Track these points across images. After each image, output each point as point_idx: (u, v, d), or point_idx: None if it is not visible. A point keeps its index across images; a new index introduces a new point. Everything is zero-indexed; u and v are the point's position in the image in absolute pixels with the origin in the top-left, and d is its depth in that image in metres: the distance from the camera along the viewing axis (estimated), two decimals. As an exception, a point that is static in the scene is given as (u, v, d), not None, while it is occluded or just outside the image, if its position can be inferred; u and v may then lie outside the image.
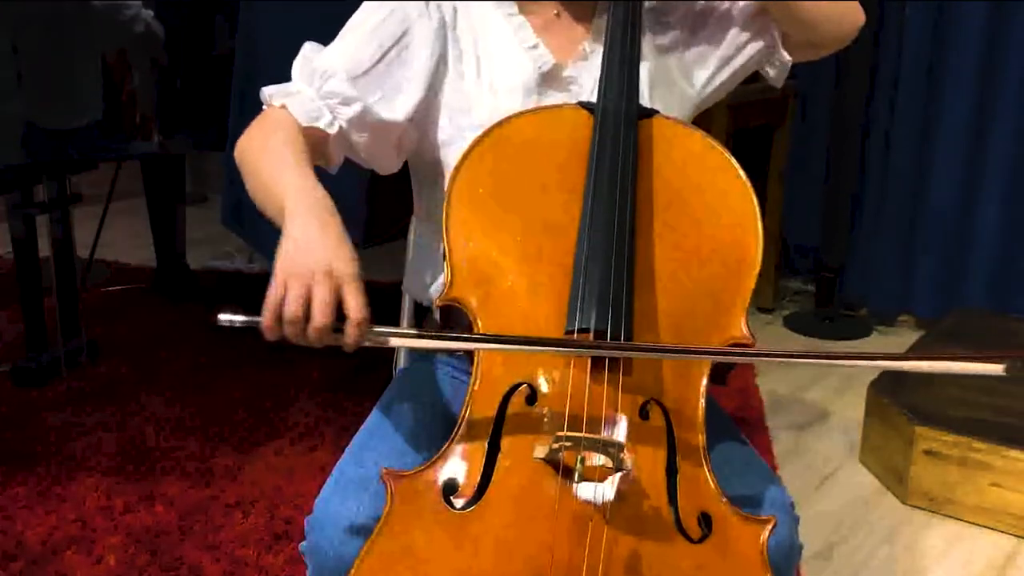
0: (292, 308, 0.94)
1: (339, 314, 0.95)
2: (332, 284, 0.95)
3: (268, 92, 1.20)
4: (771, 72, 1.35)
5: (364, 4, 1.24)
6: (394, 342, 1.04)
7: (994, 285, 3.17)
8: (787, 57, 1.33)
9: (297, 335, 0.95)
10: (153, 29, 2.51)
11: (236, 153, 1.17)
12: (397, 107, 1.20)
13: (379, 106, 1.19)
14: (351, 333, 0.95)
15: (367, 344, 0.96)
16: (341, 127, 1.18)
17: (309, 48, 1.22)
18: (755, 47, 1.32)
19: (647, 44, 1.29)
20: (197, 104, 2.57)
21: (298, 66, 1.21)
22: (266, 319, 0.95)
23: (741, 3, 1.30)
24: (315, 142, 1.17)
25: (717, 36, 1.32)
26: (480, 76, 1.24)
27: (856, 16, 1.31)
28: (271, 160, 1.10)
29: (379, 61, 1.20)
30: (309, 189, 1.05)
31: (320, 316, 0.94)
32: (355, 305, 0.95)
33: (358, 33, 1.22)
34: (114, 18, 2.44)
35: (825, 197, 3.47)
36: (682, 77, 1.31)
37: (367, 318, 0.95)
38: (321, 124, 1.17)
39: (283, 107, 1.17)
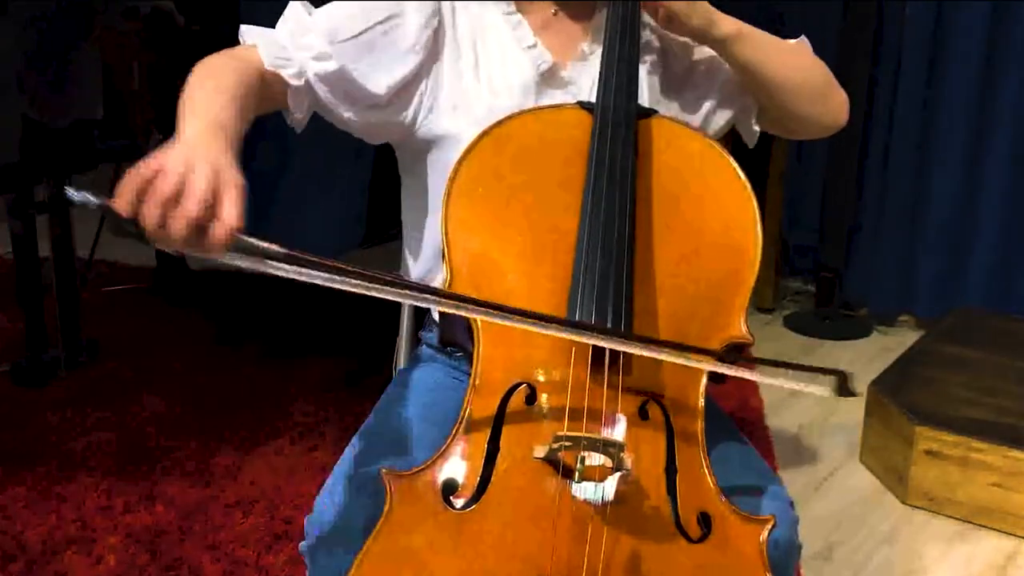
0: (163, 186, 0.84)
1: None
2: (213, 181, 0.86)
3: (245, 31, 1.19)
4: (744, 136, 1.36)
5: None
6: (268, 267, 0.89)
7: (994, 285, 3.17)
8: (757, 128, 1.34)
9: (156, 219, 0.84)
10: (153, 29, 2.51)
11: (192, 72, 1.11)
12: (373, 80, 1.20)
13: (356, 73, 1.19)
14: (218, 235, 0.85)
15: (232, 259, 0.87)
16: (308, 79, 1.17)
17: (298, 7, 1.21)
18: (729, 112, 1.32)
19: (650, 57, 1.29)
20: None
21: (283, 19, 1.20)
22: (125, 189, 0.84)
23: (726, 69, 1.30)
24: (272, 89, 1.16)
25: (704, 90, 1.32)
26: (478, 74, 1.24)
27: (836, 116, 1.33)
28: (206, 83, 1.07)
29: (362, 33, 1.19)
30: (217, 113, 1.00)
31: (192, 203, 0.84)
32: (233, 210, 0.86)
33: (349, 4, 1.22)
34: (114, 18, 2.44)
35: (825, 197, 3.47)
36: (677, 109, 1.32)
37: (239, 227, 0.86)
38: (285, 73, 1.16)
39: (253, 47, 1.16)
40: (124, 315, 3.20)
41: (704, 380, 1.08)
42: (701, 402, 1.07)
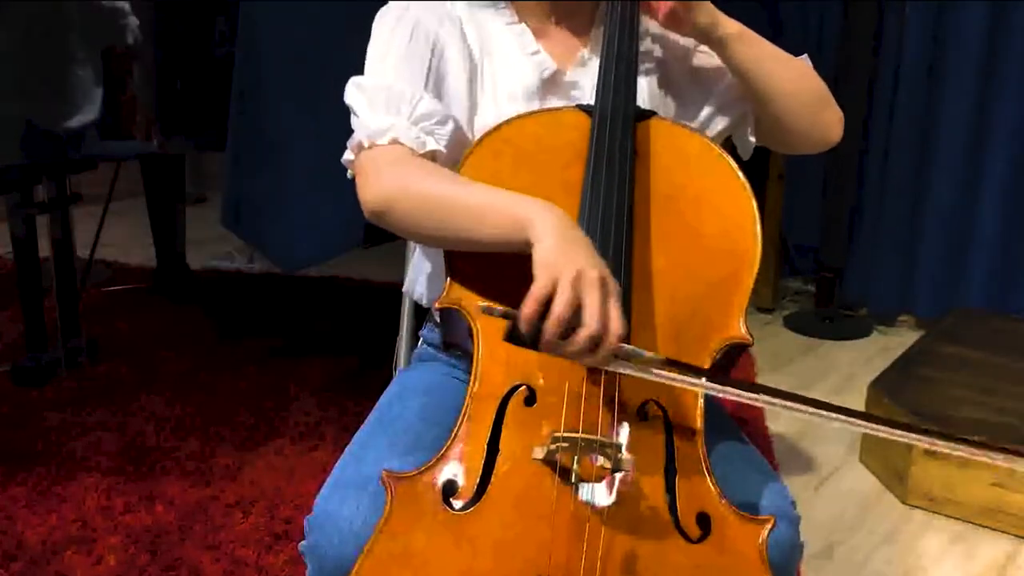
0: (562, 308, 0.91)
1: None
2: (604, 292, 0.93)
3: (364, 136, 1.13)
4: (739, 146, 1.36)
5: (377, 29, 1.23)
6: (652, 374, 0.97)
7: (994, 285, 3.17)
8: (753, 138, 1.33)
9: (556, 336, 0.92)
10: (153, 29, 2.52)
11: (381, 195, 1.08)
12: (462, 115, 1.20)
13: (457, 118, 1.18)
14: (611, 347, 0.92)
15: (612, 367, 0.94)
16: (444, 147, 1.15)
17: (362, 81, 1.17)
18: (726, 120, 1.32)
19: (650, 61, 1.29)
20: (197, 104, 2.57)
21: (365, 100, 1.15)
22: (530, 309, 0.92)
23: (725, 77, 1.30)
24: None
25: (703, 94, 1.32)
26: (483, 83, 1.25)
27: (829, 132, 1.31)
28: (455, 185, 1.07)
29: (429, 73, 1.19)
30: (534, 200, 1.02)
31: (594, 322, 0.91)
32: (619, 320, 0.93)
33: (394, 51, 1.19)
34: (114, 18, 2.44)
35: (825, 197, 3.48)
36: (675, 114, 1.32)
37: (627, 335, 0.93)
38: (431, 148, 1.13)
39: (393, 142, 1.11)
40: (124, 315, 3.20)
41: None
42: (700, 402, 1.07)
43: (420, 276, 1.34)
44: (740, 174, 1.17)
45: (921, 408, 2.28)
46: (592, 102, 1.20)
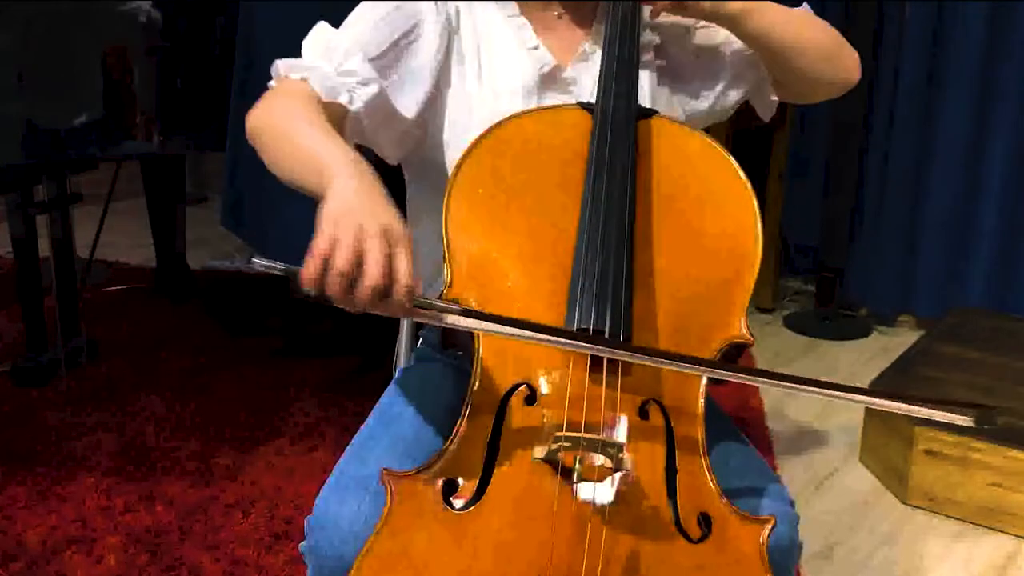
0: (343, 260, 0.89)
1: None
2: (386, 242, 0.91)
3: (282, 65, 1.16)
4: (759, 110, 1.36)
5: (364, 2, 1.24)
6: (448, 321, 0.97)
7: (994, 285, 3.17)
8: (774, 97, 1.34)
9: (342, 290, 0.90)
10: (153, 28, 2.51)
11: (252, 121, 1.12)
12: (407, 99, 1.19)
13: (392, 92, 1.18)
14: (400, 297, 0.90)
15: (410, 316, 0.92)
16: (358, 108, 1.16)
17: (322, 27, 1.19)
18: (743, 89, 1.33)
19: (652, 52, 1.29)
20: (197, 104, 2.57)
21: (311, 43, 1.18)
22: (311, 267, 0.89)
23: (732, 48, 1.31)
24: (333, 120, 1.14)
25: (711, 71, 1.32)
26: (481, 77, 1.24)
27: (850, 73, 1.32)
28: (303, 124, 1.06)
29: (391, 48, 1.19)
30: (351, 153, 1.01)
31: (376, 273, 0.89)
32: (407, 269, 0.91)
33: (367, 21, 1.20)
34: (114, 18, 2.44)
35: (825, 197, 3.47)
36: (683, 98, 1.32)
37: (417, 286, 0.91)
38: (343, 100, 1.14)
39: (303, 80, 1.14)
40: (124, 315, 3.20)
41: (704, 380, 1.08)
42: (701, 402, 1.07)
43: (425, 276, 1.34)
44: (742, 173, 1.17)
45: (921, 408, 2.28)
46: (592, 99, 1.20)
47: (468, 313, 0.98)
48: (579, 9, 1.29)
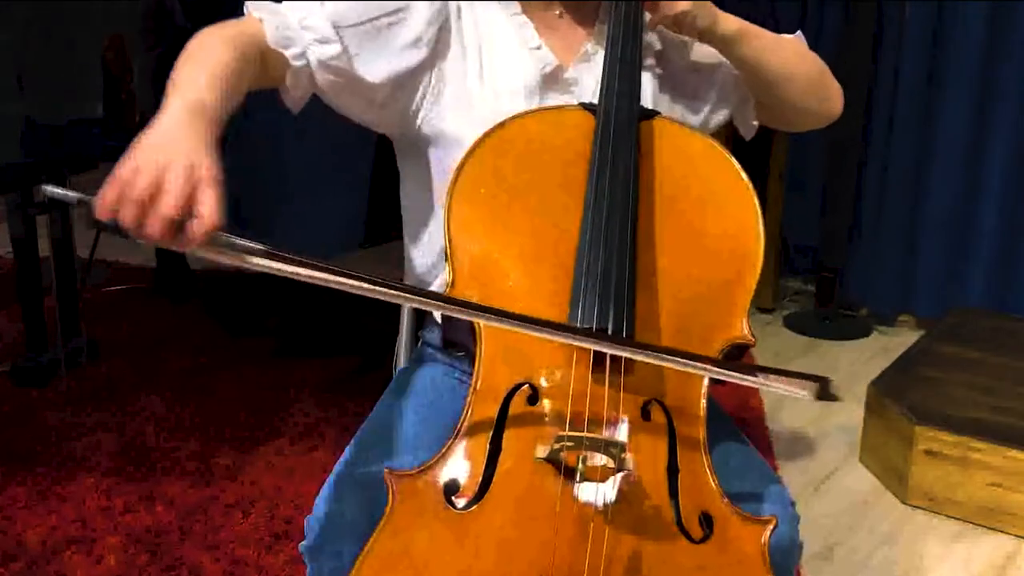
0: (140, 187, 0.86)
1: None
2: (190, 178, 0.87)
3: (251, 4, 1.16)
4: (741, 130, 1.36)
5: None
6: (250, 262, 0.91)
7: (994, 285, 3.17)
8: (755, 122, 1.35)
9: (135, 219, 0.86)
10: (154, 28, 2.51)
11: (185, 49, 1.10)
12: (373, 70, 1.19)
13: (356, 60, 1.18)
14: (196, 232, 0.86)
15: (212, 256, 0.88)
16: (309, 62, 1.16)
17: None
18: (728, 110, 1.34)
19: (652, 58, 1.29)
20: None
21: None
22: (106, 193, 0.86)
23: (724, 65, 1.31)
24: (272, 66, 1.15)
25: (704, 88, 1.33)
26: (482, 75, 1.24)
27: (832, 107, 1.33)
28: (198, 56, 1.06)
29: (369, 21, 1.19)
30: (201, 92, 0.99)
31: (168, 203, 0.85)
32: (211, 207, 0.87)
33: None
34: (114, 17, 2.44)
35: (825, 197, 3.47)
36: (681, 109, 1.32)
37: (219, 224, 0.87)
38: (288, 53, 1.15)
39: (260, 21, 1.14)
40: (124, 315, 3.20)
41: (706, 380, 1.08)
42: (703, 402, 1.07)
43: (422, 272, 1.34)
44: (743, 174, 1.17)
45: (921, 408, 2.28)
46: (594, 99, 1.20)
47: (272, 255, 0.92)
48: (581, 9, 1.29)
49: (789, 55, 1.29)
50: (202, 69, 1.03)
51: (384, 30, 1.20)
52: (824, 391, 1.01)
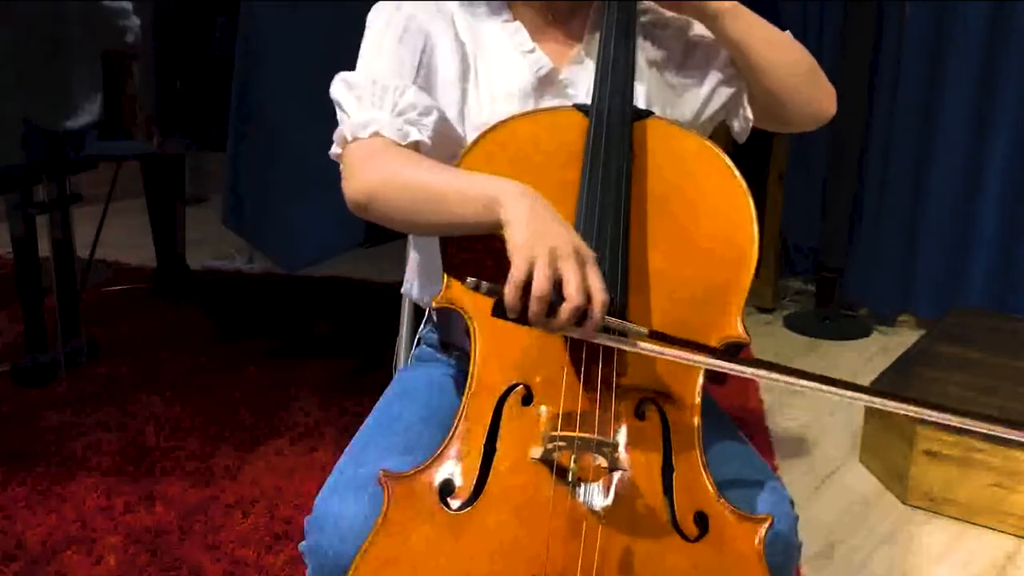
0: (542, 284, 0.94)
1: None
2: (580, 262, 0.95)
3: (347, 130, 1.14)
4: (735, 126, 1.35)
5: (370, 26, 1.24)
6: (640, 347, 1.00)
7: (994, 285, 3.17)
8: (750, 114, 1.33)
9: (541, 313, 0.94)
10: (153, 29, 2.51)
11: (361, 188, 1.10)
12: (451, 111, 1.21)
13: (443, 109, 1.19)
14: (597, 313, 0.94)
15: (599, 339, 0.96)
16: (429, 136, 1.16)
17: (345, 77, 1.18)
18: (728, 91, 1.32)
19: (642, 59, 1.29)
20: (197, 104, 2.57)
21: (349, 97, 1.17)
22: (511, 293, 0.95)
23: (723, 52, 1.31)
24: None
25: (702, 69, 1.32)
26: (478, 80, 1.24)
27: (824, 105, 1.31)
28: (424, 171, 1.09)
29: (421, 67, 1.20)
30: (506, 181, 1.04)
31: (576, 295, 0.94)
32: (600, 286, 0.95)
33: (387, 50, 1.20)
34: (114, 18, 2.44)
35: (825, 197, 3.47)
36: (674, 105, 1.32)
37: (608, 301, 0.95)
38: (413, 139, 1.14)
39: (375, 135, 1.13)
40: (124, 315, 3.20)
41: (701, 379, 1.08)
42: (697, 400, 1.07)
43: (417, 276, 1.34)
44: (737, 174, 1.16)
45: (921, 408, 2.28)
46: (588, 101, 1.20)
47: (657, 336, 1.00)
48: (572, 12, 1.29)
49: (779, 43, 1.28)
50: (447, 168, 1.10)
51: (431, 64, 1.21)
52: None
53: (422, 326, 1.41)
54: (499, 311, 0.96)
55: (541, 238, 0.96)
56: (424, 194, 1.08)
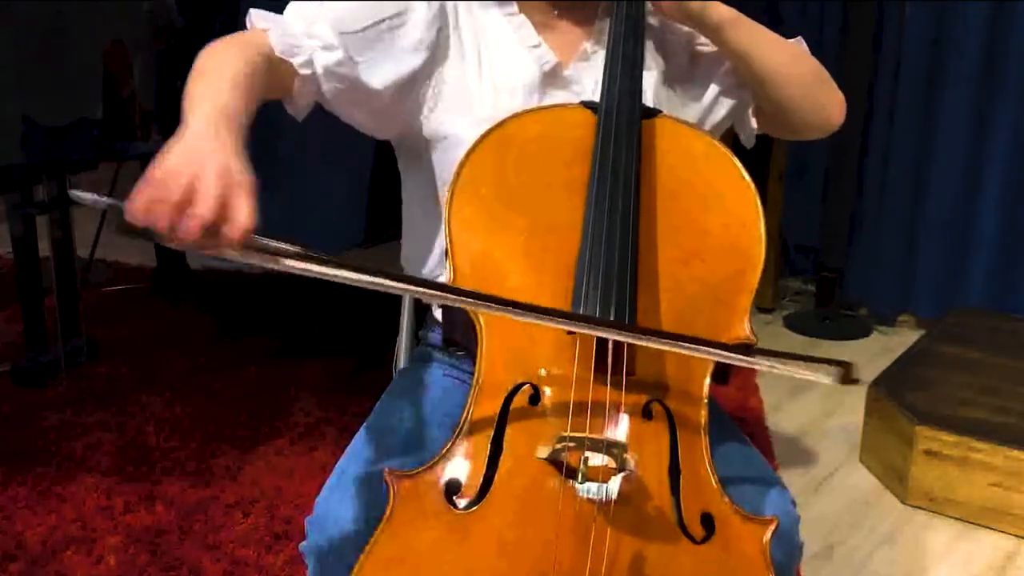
0: (174, 192, 0.85)
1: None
2: (224, 182, 0.87)
3: (254, 14, 1.17)
4: (741, 136, 1.36)
5: None
6: (281, 265, 0.90)
7: (994, 285, 3.17)
8: (754, 124, 1.34)
9: (169, 223, 0.85)
10: (153, 28, 2.51)
11: (197, 58, 1.10)
12: (376, 75, 1.19)
13: (361, 67, 1.18)
14: (231, 235, 0.86)
15: (246, 259, 0.88)
16: (315, 71, 1.16)
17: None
18: (730, 102, 1.32)
19: (648, 61, 1.29)
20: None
21: (294, 4, 1.19)
22: (138, 198, 0.85)
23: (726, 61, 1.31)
24: (281, 76, 1.15)
25: (705, 79, 1.32)
26: (482, 73, 1.24)
27: (831, 114, 1.32)
28: (212, 67, 1.06)
29: (371, 27, 1.19)
30: (223, 99, 1.00)
31: (203, 206, 0.85)
32: (246, 210, 0.87)
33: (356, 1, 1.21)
34: (114, 18, 2.44)
35: (825, 197, 3.47)
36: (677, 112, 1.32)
37: (253, 227, 0.87)
38: (295, 61, 1.15)
39: (264, 31, 1.15)
40: (124, 315, 3.20)
41: (708, 380, 1.08)
42: (705, 402, 1.07)
43: (421, 275, 1.34)
44: (745, 174, 1.17)
45: (921, 408, 2.28)
46: (594, 97, 1.19)
47: (306, 257, 0.91)
48: (578, 8, 1.29)
49: (784, 52, 1.27)
50: (219, 78, 1.04)
51: (385, 34, 1.20)
52: (847, 376, 1.02)
53: (423, 326, 1.41)
54: (125, 223, 0.86)
55: (191, 151, 0.90)
56: (191, 86, 1.05)
